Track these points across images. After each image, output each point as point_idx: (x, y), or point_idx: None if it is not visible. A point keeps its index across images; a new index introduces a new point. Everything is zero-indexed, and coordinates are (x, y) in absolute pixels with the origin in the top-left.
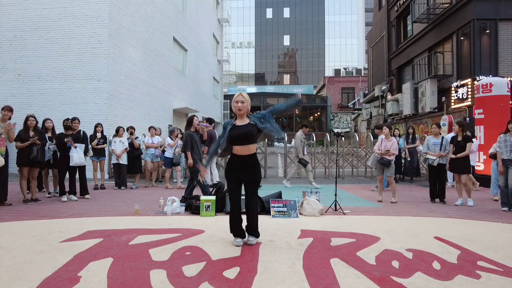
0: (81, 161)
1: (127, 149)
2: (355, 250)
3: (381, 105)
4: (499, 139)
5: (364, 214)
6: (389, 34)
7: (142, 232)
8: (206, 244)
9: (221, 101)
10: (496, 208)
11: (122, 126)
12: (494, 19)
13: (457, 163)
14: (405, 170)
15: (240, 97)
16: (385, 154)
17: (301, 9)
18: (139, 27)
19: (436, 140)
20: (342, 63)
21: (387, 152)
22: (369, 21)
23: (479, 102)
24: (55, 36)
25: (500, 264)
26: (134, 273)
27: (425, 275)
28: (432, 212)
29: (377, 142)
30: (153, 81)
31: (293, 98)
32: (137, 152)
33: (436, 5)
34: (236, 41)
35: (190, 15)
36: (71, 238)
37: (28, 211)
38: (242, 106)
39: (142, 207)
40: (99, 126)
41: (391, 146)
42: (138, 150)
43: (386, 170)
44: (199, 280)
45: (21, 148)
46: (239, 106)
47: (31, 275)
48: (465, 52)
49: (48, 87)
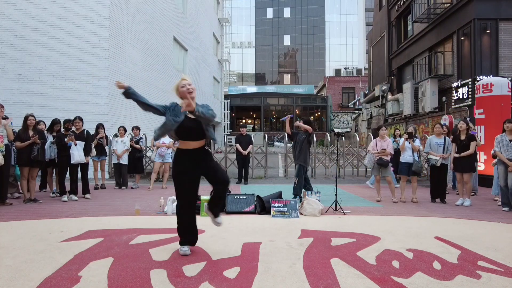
0: (81, 158)
1: (129, 150)
2: (356, 250)
3: (382, 105)
4: (496, 139)
5: (364, 214)
6: (389, 34)
7: (143, 232)
8: (206, 244)
9: (222, 101)
10: (496, 208)
11: (123, 126)
12: (494, 19)
13: (461, 162)
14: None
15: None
16: (382, 154)
17: (301, 9)
18: (140, 27)
19: (438, 140)
20: (342, 63)
21: (384, 152)
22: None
23: (479, 102)
24: (55, 36)
25: (501, 264)
26: (134, 273)
27: (425, 275)
28: (432, 212)
29: (371, 143)
30: (153, 81)
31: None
32: (138, 154)
33: (437, 5)
34: (237, 41)
35: (191, 15)
36: (71, 238)
37: (29, 211)
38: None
39: (143, 207)
40: (101, 128)
41: (387, 146)
42: (140, 152)
43: (383, 171)
44: (199, 280)
45: (21, 148)
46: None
47: (31, 275)
48: (466, 52)
49: (49, 87)
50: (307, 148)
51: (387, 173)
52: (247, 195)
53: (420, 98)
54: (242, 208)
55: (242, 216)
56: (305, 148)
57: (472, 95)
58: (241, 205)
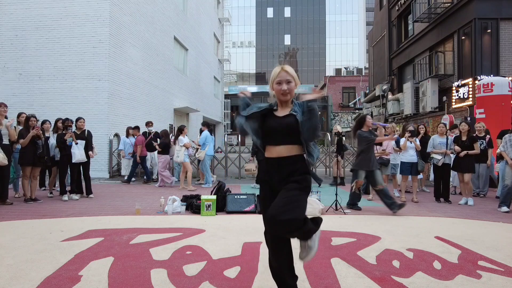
0: (82, 157)
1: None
2: (356, 249)
3: (382, 104)
4: (504, 139)
5: (364, 213)
6: (390, 33)
7: (143, 232)
8: (207, 243)
9: (222, 100)
10: (496, 208)
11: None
12: (495, 19)
13: (462, 163)
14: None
15: (283, 75)
16: (382, 153)
17: (301, 8)
18: (140, 27)
19: (442, 140)
20: (343, 62)
21: (384, 152)
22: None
23: (480, 101)
24: (56, 36)
25: (501, 264)
26: (134, 272)
27: (425, 274)
28: (433, 211)
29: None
30: (154, 81)
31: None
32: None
33: (437, 4)
34: (237, 41)
35: (191, 15)
36: (72, 237)
37: (29, 210)
38: (289, 87)
39: (143, 206)
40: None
41: (386, 145)
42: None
43: (383, 169)
44: (199, 280)
45: (25, 144)
46: (286, 89)
47: (32, 274)
48: (466, 52)
49: (49, 86)
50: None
51: (387, 172)
52: (248, 194)
53: (420, 98)
54: (242, 207)
55: (243, 215)
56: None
57: (472, 94)
58: (242, 205)
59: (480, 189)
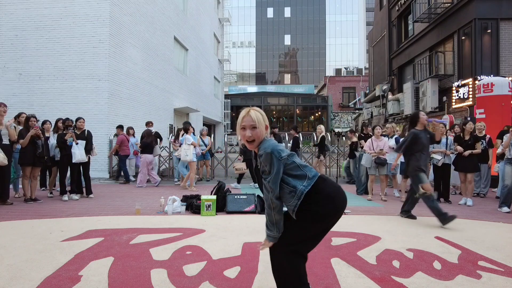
0: (82, 157)
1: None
2: (356, 249)
3: (382, 104)
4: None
5: (364, 213)
6: (390, 33)
7: (143, 232)
8: (207, 243)
9: (222, 100)
10: (497, 208)
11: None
12: (495, 19)
13: (466, 162)
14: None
15: (248, 120)
16: (379, 153)
17: (302, 8)
18: (140, 27)
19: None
20: (343, 62)
21: (381, 152)
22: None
23: (480, 102)
24: (56, 36)
25: (501, 264)
26: (134, 272)
27: (425, 275)
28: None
29: (366, 142)
30: (154, 81)
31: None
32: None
33: (437, 4)
34: (237, 41)
35: (191, 15)
36: (72, 237)
37: (29, 210)
38: (253, 133)
39: (143, 206)
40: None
41: (383, 145)
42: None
43: (380, 169)
44: (199, 280)
45: (25, 144)
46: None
47: (32, 274)
48: (466, 52)
49: (49, 86)
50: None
51: (384, 172)
52: (248, 194)
53: (420, 98)
54: (242, 207)
55: (243, 215)
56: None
57: (472, 95)
58: (242, 205)
59: (480, 189)
